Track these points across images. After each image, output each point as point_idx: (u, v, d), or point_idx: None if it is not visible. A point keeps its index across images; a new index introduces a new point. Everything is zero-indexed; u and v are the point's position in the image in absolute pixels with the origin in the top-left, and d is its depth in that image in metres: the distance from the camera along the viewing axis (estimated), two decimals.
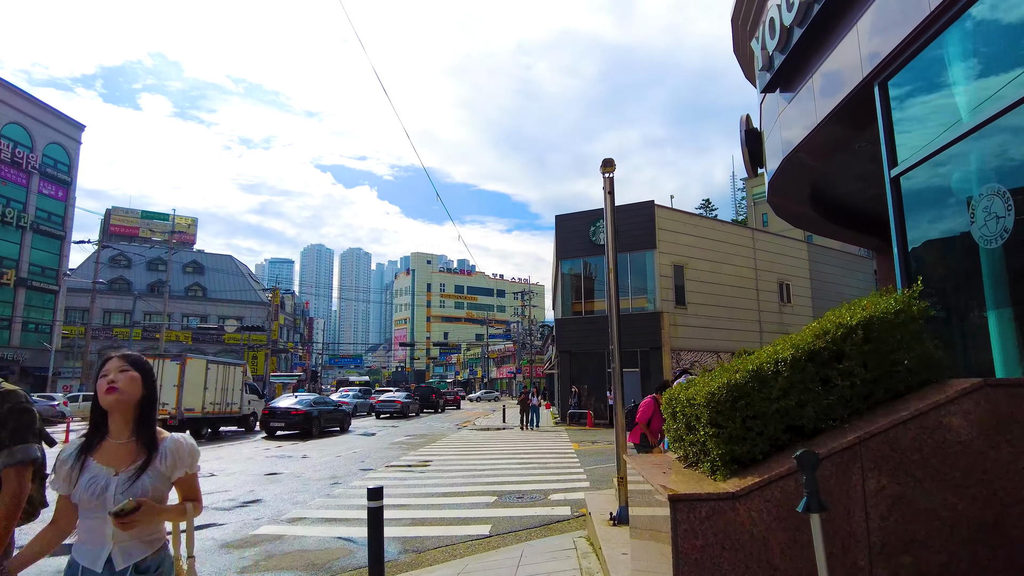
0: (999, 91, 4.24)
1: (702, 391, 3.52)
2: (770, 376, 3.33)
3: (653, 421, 8.31)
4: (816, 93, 6.70)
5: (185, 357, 21.37)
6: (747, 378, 3.35)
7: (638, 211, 26.80)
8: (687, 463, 3.99)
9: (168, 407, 20.49)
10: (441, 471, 12.38)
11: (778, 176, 8.70)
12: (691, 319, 26.86)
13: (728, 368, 3.76)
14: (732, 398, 3.32)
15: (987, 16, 4.43)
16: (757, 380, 3.34)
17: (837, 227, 10.81)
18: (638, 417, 8.34)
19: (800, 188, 9.26)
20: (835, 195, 10.06)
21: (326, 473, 12.34)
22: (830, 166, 8.59)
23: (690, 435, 3.82)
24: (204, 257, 69.38)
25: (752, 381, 3.34)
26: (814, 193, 9.62)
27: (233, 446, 18.70)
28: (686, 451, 4.03)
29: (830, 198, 10.14)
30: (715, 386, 3.42)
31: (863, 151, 7.95)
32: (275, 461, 14.41)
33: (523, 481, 10.75)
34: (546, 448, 16.71)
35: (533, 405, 25.58)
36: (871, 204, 10.57)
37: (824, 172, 8.83)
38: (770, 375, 3.34)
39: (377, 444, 18.61)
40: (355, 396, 37.25)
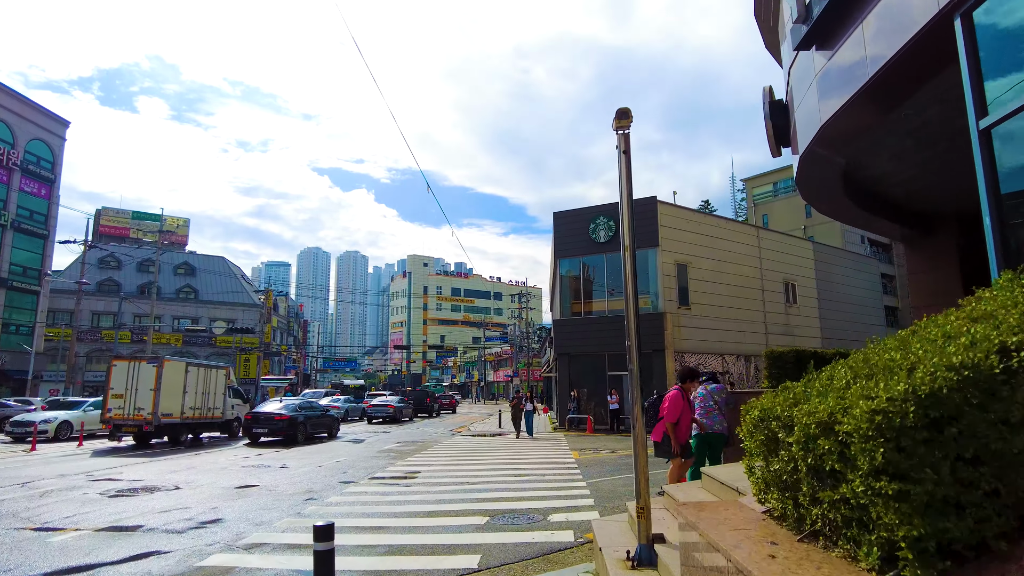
0: None
1: (858, 407, 2.03)
2: (1000, 378, 1.89)
3: (683, 418, 7.19)
4: (867, 40, 5.60)
5: (163, 359, 20.21)
6: (953, 382, 1.88)
7: (640, 207, 25.68)
8: (804, 533, 2.49)
9: (144, 412, 19.37)
10: (429, 484, 11.25)
11: (810, 153, 7.61)
12: (695, 320, 25.77)
13: (873, 363, 2.29)
14: (930, 421, 1.87)
15: None
16: (975, 386, 1.88)
17: (867, 214, 9.72)
18: (664, 412, 7.27)
19: (832, 167, 8.17)
20: (867, 177, 8.98)
21: (303, 486, 11.20)
22: (867, 141, 7.51)
23: (825, 489, 2.27)
24: (196, 258, 68.10)
25: (967, 388, 1.88)
26: (846, 174, 8.54)
27: (211, 454, 17.55)
28: (801, 510, 2.53)
29: (862, 180, 9.06)
30: (887, 397, 1.94)
31: (908, 121, 6.88)
32: (250, 472, 13.26)
33: (519, 497, 9.62)
34: (544, 457, 15.57)
35: (527, 411, 23.05)
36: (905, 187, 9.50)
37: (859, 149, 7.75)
38: (1000, 375, 1.89)
39: (364, 452, 17.46)
40: (347, 400, 36.13)
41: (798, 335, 30.59)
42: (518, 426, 23.06)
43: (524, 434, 22.93)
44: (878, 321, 38.24)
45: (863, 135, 7.19)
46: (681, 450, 7.20)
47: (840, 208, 9.54)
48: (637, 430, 4.94)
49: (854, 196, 9.06)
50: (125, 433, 19.86)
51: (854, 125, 6.82)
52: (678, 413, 7.12)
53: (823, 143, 7.36)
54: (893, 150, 7.93)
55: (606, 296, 26.07)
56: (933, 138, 7.22)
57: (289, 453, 17.44)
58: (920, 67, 5.25)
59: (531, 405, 23.32)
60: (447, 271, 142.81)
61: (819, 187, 8.82)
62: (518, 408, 23.15)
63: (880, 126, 6.94)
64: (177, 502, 9.57)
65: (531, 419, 23.16)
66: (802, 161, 8.02)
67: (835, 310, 33.42)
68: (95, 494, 10.30)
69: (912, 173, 8.76)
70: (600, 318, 25.95)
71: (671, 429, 7.08)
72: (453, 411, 47.17)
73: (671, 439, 7.11)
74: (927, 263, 11.27)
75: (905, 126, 7.00)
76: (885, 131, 7.21)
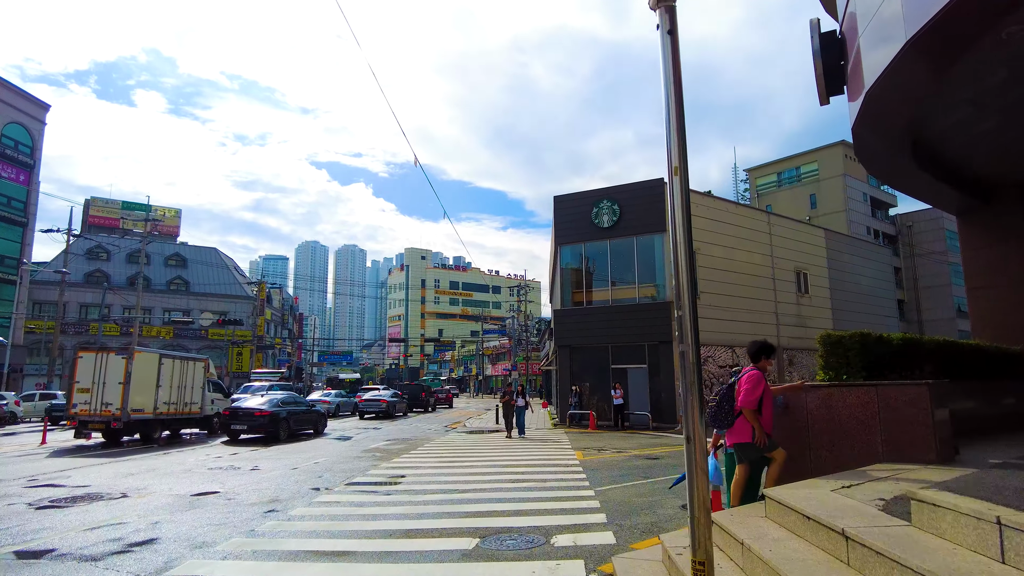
0: None
1: None
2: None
3: (765, 403, 5.57)
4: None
5: (133, 350, 18.72)
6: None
7: (646, 190, 24.23)
8: None
9: (112, 407, 17.90)
10: (413, 492, 9.79)
11: (874, 98, 6.13)
12: (704, 310, 24.29)
13: None
14: None
15: None
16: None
17: (928, 178, 8.22)
18: (742, 400, 5.50)
19: (897, 117, 6.69)
20: (934, 133, 7.49)
21: (268, 494, 9.74)
22: (949, 80, 6.03)
23: None
24: (187, 250, 66.52)
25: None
26: (912, 126, 7.06)
27: (182, 452, 16.11)
28: None
29: (927, 138, 7.57)
30: None
31: (1009, 39, 5.39)
32: (215, 475, 11.82)
33: (516, 511, 8.17)
34: (544, 458, 14.12)
35: (519, 407, 20.46)
36: (972, 148, 8.01)
37: (936, 92, 6.27)
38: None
39: (349, 451, 16.02)
40: (338, 395, 34.67)
41: (810, 326, 29.17)
42: (509, 424, 20.66)
43: (516, 433, 20.55)
44: (891, 313, 36.83)
45: (949, 67, 5.70)
46: (768, 444, 5.58)
47: (899, 170, 8.06)
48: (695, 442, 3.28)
49: (917, 156, 7.58)
50: (93, 430, 18.45)
51: (938, 55, 5.34)
52: (758, 395, 5.45)
53: (893, 84, 5.89)
54: (971, 92, 6.46)
55: (609, 285, 24.59)
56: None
57: (266, 452, 16.00)
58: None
59: (523, 400, 20.86)
60: (445, 264, 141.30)
61: (880, 142, 7.32)
62: (509, 404, 20.66)
63: (972, 54, 5.46)
64: (115, 515, 8.12)
65: (523, 416, 20.89)
66: (863, 108, 6.52)
67: (847, 300, 31.99)
68: (23, 505, 8.84)
69: (987, 127, 7.30)
70: (604, 308, 24.48)
71: (751, 417, 5.44)
72: (450, 406, 45.75)
73: (755, 432, 5.42)
74: (984, 237, 9.84)
75: (1002, 52, 5.52)
76: (974, 65, 5.74)
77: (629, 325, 23.51)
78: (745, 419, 5.51)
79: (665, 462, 13.05)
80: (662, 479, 10.63)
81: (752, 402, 5.43)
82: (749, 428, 5.49)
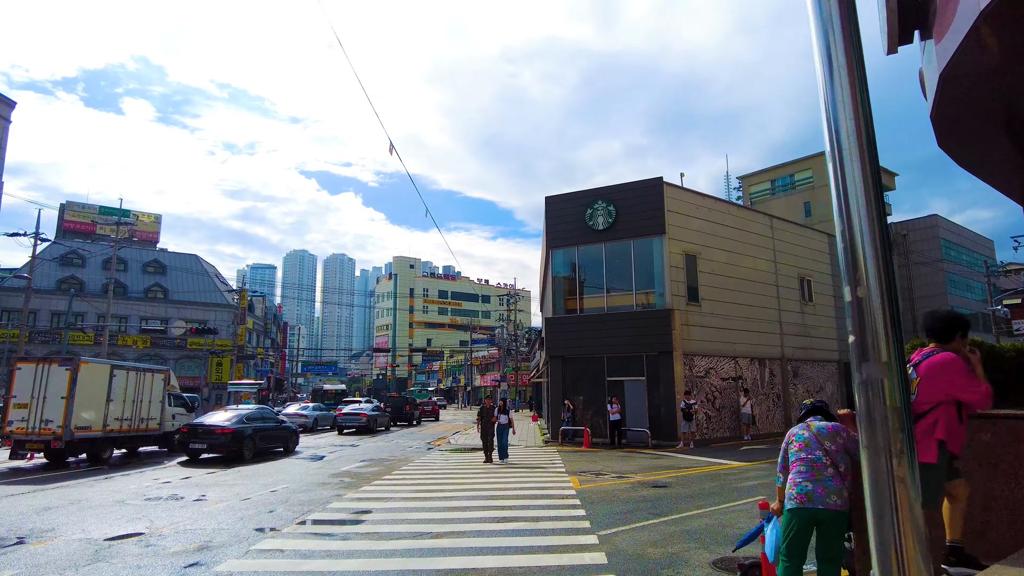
0: None
1: None
2: None
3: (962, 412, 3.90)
4: None
5: (78, 360, 16.88)
6: None
7: (644, 190, 22.70)
8: None
9: (52, 425, 16.01)
10: (376, 535, 8.07)
11: (971, 41, 4.55)
12: (705, 318, 22.76)
13: None
14: None
15: None
16: None
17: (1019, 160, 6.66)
18: (972, 393, 3.79)
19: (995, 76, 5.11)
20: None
21: (200, 538, 7.99)
22: None
23: None
24: (166, 256, 64.34)
25: None
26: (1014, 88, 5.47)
27: (126, 477, 14.26)
28: None
29: None
30: None
31: None
32: (150, 509, 10.03)
33: (501, 569, 6.47)
34: (535, 487, 12.41)
35: (501, 425, 17.08)
36: None
37: None
38: None
39: (315, 476, 14.23)
40: (315, 408, 32.79)
41: (814, 336, 27.73)
42: (488, 445, 16.84)
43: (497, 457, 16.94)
44: None
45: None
46: (949, 467, 3.91)
47: (988, 145, 6.44)
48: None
49: (1012, 129, 5.98)
50: (31, 450, 16.57)
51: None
52: (960, 383, 3.78)
53: (1001, 19, 4.31)
54: None
55: (605, 291, 22.98)
56: None
57: (224, 476, 14.20)
58: None
59: (505, 417, 17.33)
60: (434, 273, 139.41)
61: (971, 105, 5.72)
62: (489, 421, 17.00)
63: None
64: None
65: (506, 436, 17.22)
66: (955, 56, 4.90)
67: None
68: None
69: None
70: (598, 315, 22.85)
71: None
72: (436, 418, 43.83)
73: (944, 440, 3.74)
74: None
75: None
76: None
77: (626, 334, 21.89)
78: (929, 429, 3.81)
79: (675, 492, 11.38)
80: (676, 517, 8.96)
81: (981, 394, 3.70)
82: (933, 444, 3.76)
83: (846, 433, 4.43)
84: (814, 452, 4.37)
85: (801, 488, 4.29)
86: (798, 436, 4.54)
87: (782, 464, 4.61)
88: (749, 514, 9.06)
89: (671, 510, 9.47)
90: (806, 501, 4.24)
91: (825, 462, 4.31)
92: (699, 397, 21.69)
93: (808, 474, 4.31)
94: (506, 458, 16.97)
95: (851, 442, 4.41)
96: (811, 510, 4.23)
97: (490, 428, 16.96)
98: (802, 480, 4.32)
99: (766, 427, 24.41)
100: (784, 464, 4.58)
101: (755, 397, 23.82)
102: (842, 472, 4.30)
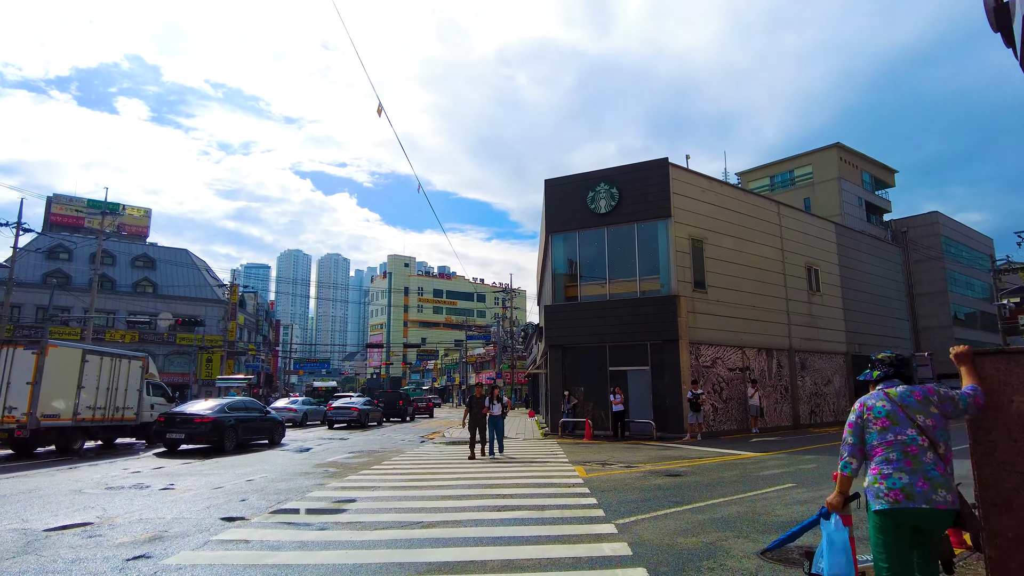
0: None
1: None
2: None
3: None
4: None
5: (45, 344, 15.74)
6: None
7: (649, 171, 21.70)
8: None
9: (16, 412, 14.85)
10: (357, 526, 7.02)
11: None
12: (712, 306, 21.78)
13: None
14: None
15: None
16: None
17: None
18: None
19: None
20: None
21: (156, 527, 6.93)
22: None
23: None
24: (156, 250, 63.01)
25: None
26: None
27: (94, 467, 13.18)
28: None
29: None
30: None
31: None
32: (107, 498, 8.96)
33: (505, 562, 5.43)
34: (538, 476, 11.36)
35: (493, 416, 15.01)
36: None
37: None
38: None
39: (298, 466, 13.16)
40: (305, 402, 31.69)
41: (822, 327, 26.80)
42: (476, 438, 14.84)
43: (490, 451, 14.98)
44: (902, 315, 34.61)
45: None
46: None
47: None
48: None
49: None
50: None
51: None
52: None
53: None
54: None
55: (607, 277, 21.94)
56: None
57: (200, 466, 13.12)
58: None
59: (498, 406, 15.30)
60: (428, 271, 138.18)
61: None
62: (479, 412, 14.95)
63: None
64: None
65: (500, 428, 15.22)
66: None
67: (859, 300, 29.68)
68: None
69: None
70: (600, 303, 21.83)
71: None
72: (430, 415, 42.71)
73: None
74: None
75: None
76: None
77: (629, 322, 20.86)
78: None
79: (692, 480, 10.34)
80: (700, 505, 7.93)
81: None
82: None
83: (937, 396, 3.36)
84: (904, 431, 3.28)
85: (894, 482, 3.21)
86: (877, 409, 3.40)
87: (853, 446, 3.44)
88: (784, 501, 8.07)
89: (693, 498, 8.43)
90: (903, 499, 3.16)
91: (922, 444, 3.24)
92: (705, 388, 20.69)
93: (901, 462, 3.23)
94: (501, 452, 15.03)
95: (947, 404, 3.36)
96: (911, 511, 3.16)
97: (480, 420, 14.91)
98: (893, 471, 3.23)
99: (774, 420, 23.43)
100: (858, 447, 3.43)
101: (763, 389, 22.85)
102: (943, 455, 3.24)
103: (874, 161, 54.30)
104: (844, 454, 3.47)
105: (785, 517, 7.05)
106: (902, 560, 3.21)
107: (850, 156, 51.12)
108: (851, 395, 27.99)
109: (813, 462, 12.84)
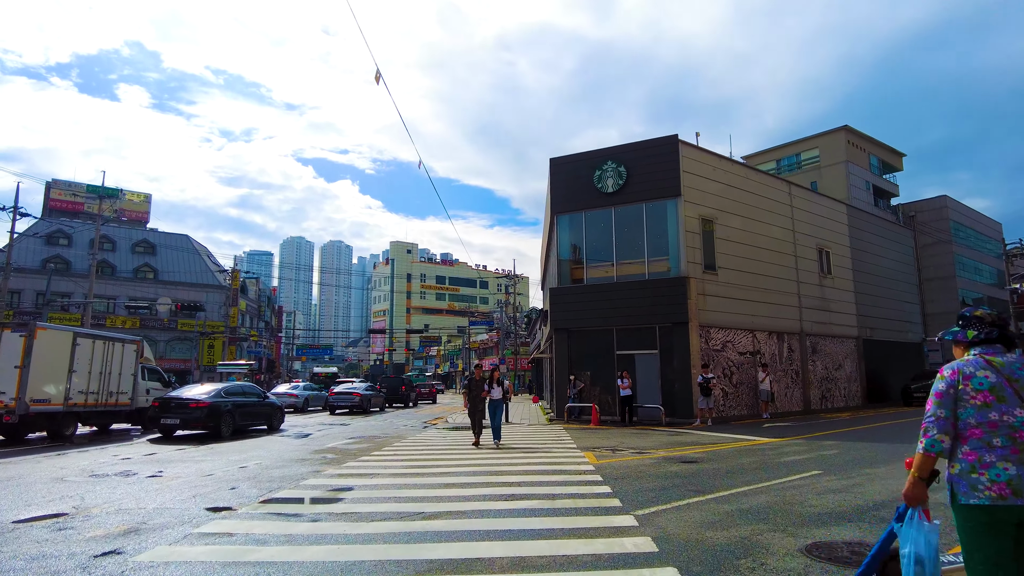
0: None
1: None
2: None
3: None
4: None
5: (34, 326, 15.19)
6: None
7: (657, 149, 20.99)
8: None
9: (4, 397, 14.34)
10: (354, 515, 6.46)
11: None
12: (722, 288, 21.14)
13: None
14: None
15: None
16: None
17: None
18: None
19: None
20: None
21: (135, 518, 6.38)
22: None
23: None
24: (156, 236, 62.42)
25: None
26: None
27: (83, 453, 12.67)
28: None
29: None
30: None
31: None
32: (90, 485, 8.43)
33: (515, 559, 4.87)
34: (546, 462, 10.80)
35: (494, 400, 14.10)
36: None
37: None
38: None
39: (296, 452, 12.63)
40: (307, 388, 31.25)
41: (834, 310, 26.16)
42: (478, 425, 14.05)
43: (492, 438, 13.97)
44: (913, 299, 33.94)
45: None
46: None
47: None
48: None
49: None
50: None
51: None
52: None
53: None
54: None
55: (614, 258, 21.30)
56: None
57: (193, 452, 12.61)
58: None
59: (499, 390, 14.37)
60: (431, 258, 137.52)
61: None
62: (478, 395, 14.14)
63: None
64: None
65: (499, 413, 14.26)
66: None
67: (870, 283, 29.02)
68: None
69: None
70: (607, 285, 21.20)
71: None
72: (433, 401, 42.30)
73: None
74: None
75: None
76: None
77: (637, 304, 20.23)
78: None
79: (710, 467, 9.76)
80: (724, 495, 7.34)
81: None
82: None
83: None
84: (1013, 411, 2.60)
85: (998, 473, 2.57)
86: (977, 380, 2.69)
87: (943, 421, 2.72)
88: (814, 490, 7.47)
89: (714, 487, 7.85)
90: (1010, 495, 2.53)
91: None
92: (716, 372, 20.11)
93: (1008, 449, 2.59)
94: (498, 437, 13.89)
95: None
96: (1018, 509, 2.54)
97: (480, 404, 14.09)
98: (997, 459, 2.59)
99: (784, 405, 22.87)
100: (947, 422, 2.72)
101: (773, 373, 22.26)
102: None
103: (882, 144, 53.29)
104: (932, 431, 2.73)
105: (820, 508, 6.46)
106: (1007, 568, 2.59)
107: (858, 139, 50.11)
108: (862, 380, 27.40)
109: (834, 448, 12.26)
